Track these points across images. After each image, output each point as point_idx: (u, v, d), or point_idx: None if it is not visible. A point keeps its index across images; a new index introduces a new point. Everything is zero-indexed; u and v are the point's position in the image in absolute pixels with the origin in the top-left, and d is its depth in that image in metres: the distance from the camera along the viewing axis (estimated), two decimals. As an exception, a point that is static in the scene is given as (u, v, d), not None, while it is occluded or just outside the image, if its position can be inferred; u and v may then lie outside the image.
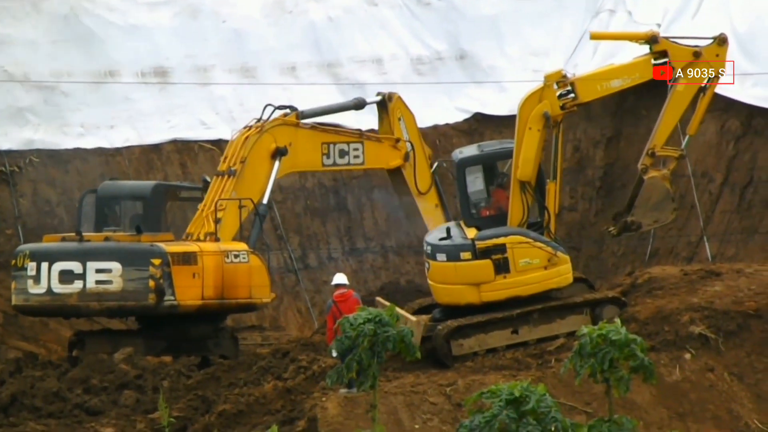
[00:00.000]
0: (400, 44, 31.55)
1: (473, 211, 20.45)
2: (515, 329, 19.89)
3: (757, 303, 19.38)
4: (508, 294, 19.87)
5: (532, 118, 19.98)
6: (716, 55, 20.23)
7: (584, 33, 31.71)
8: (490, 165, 20.72)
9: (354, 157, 24.28)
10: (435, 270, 20.27)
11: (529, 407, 12.44)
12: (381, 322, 14.27)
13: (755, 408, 18.54)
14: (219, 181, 23.30)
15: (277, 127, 23.52)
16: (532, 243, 19.80)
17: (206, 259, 22.18)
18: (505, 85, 30.85)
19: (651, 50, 20.27)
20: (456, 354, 19.82)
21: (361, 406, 17.81)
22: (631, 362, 13.82)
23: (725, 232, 28.18)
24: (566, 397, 18.14)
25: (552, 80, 20.09)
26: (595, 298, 20.17)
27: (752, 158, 28.63)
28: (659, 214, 20.74)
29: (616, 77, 20.36)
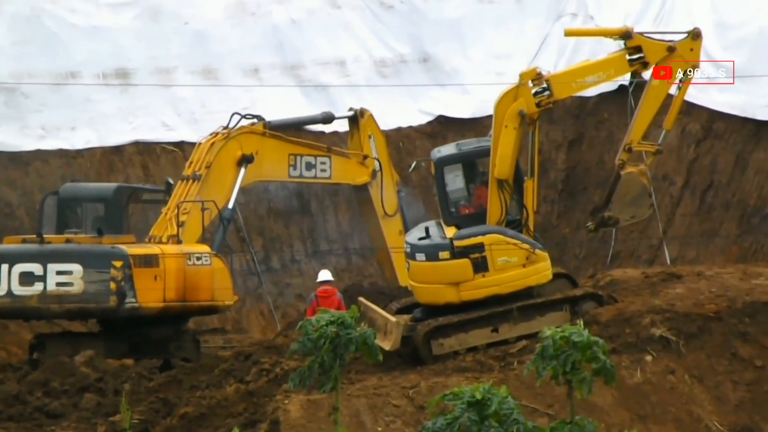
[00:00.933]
0: (363, 46, 31.57)
1: (452, 210, 20.48)
2: (495, 327, 19.92)
3: (718, 305, 19.48)
4: (487, 293, 19.88)
5: (508, 116, 20.03)
6: (690, 49, 20.33)
7: (546, 36, 31.87)
8: (469, 163, 20.76)
9: (321, 170, 24.37)
10: (415, 270, 20.28)
11: (492, 410, 12.45)
12: (343, 324, 14.26)
13: (715, 410, 18.65)
14: (184, 186, 23.25)
15: (244, 134, 23.54)
16: (510, 241, 19.87)
17: (168, 261, 22.10)
18: (468, 87, 30.93)
19: (625, 46, 20.35)
20: (437, 353, 19.84)
21: (323, 409, 17.77)
22: (593, 364, 13.85)
23: (686, 235, 28.37)
24: (528, 399, 18.17)
25: (527, 78, 20.14)
26: (575, 295, 20.23)
27: (712, 162, 28.84)
28: (636, 209, 20.74)
29: (590, 74, 20.42)
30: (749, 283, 20.40)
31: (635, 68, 20.42)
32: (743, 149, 28.24)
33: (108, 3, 30.79)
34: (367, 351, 14.41)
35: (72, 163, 29.43)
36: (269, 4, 31.47)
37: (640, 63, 20.33)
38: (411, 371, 19.61)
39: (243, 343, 22.88)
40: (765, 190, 27.50)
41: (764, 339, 19.16)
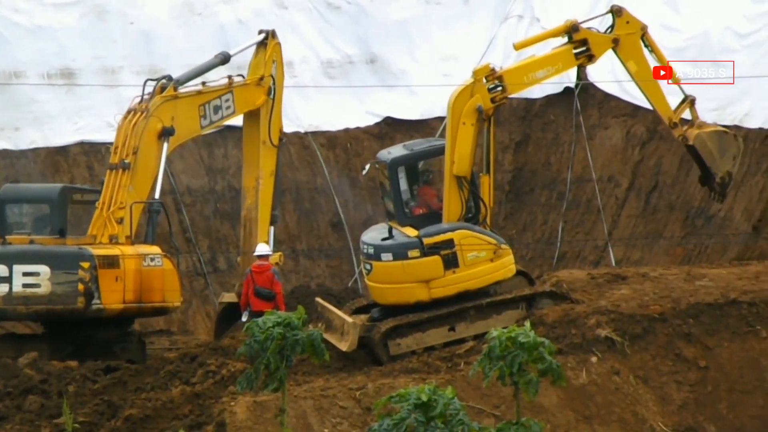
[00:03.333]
0: (310, 47, 31.52)
1: (407, 211, 20.49)
2: (452, 327, 19.97)
3: (662, 307, 19.64)
4: (457, 289, 19.94)
5: (466, 113, 20.14)
6: (626, 22, 20.69)
7: (493, 37, 31.99)
8: (423, 163, 20.84)
9: (226, 108, 24.08)
10: (379, 270, 20.21)
11: (438, 411, 12.46)
12: (290, 325, 14.22)
13: (660, 411, 18.78)
14: (113, 176, 22.86)
15: (161, 106, 23.15)
16: (479, 236, 19.94)
17: (127, 262, 22.00)
18: (415, 89, 30.99)
19: (571, 39, 20.56)
20: (394, 354, 19.84)
21: (270, 411, 17.72)
22: (539, 365, 13.90)
23: (631, 237, 28.57)
24: (475, 400, 18.22)
25: (481, 75, 20.31)
26: (531, 293, 20.32)
27: (657, 163, 29.07)
28: (729, 152, 21.06)
29: (540, 68, 20.64)
30: (693, 285, 20.58)
31: (581, 61, 20.74)
32: (687, 151, 28.46)
33: (53, 2, 30.51)
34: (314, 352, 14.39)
35: (16, 163, 29.15)
36: (216, 5, 31.34)
37: (586, 56, 20.60)
38: (358, 373, 19.61)
39: (189, 345, 22.74)
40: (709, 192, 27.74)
41: (708, 340, 19.32)
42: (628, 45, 20.58)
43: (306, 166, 30.78)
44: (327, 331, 20.57)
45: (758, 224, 25.88)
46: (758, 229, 25.77)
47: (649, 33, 20.70)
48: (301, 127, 30.83)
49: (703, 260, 26.25)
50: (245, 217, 24.87)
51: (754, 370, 19.08)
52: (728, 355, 19.16)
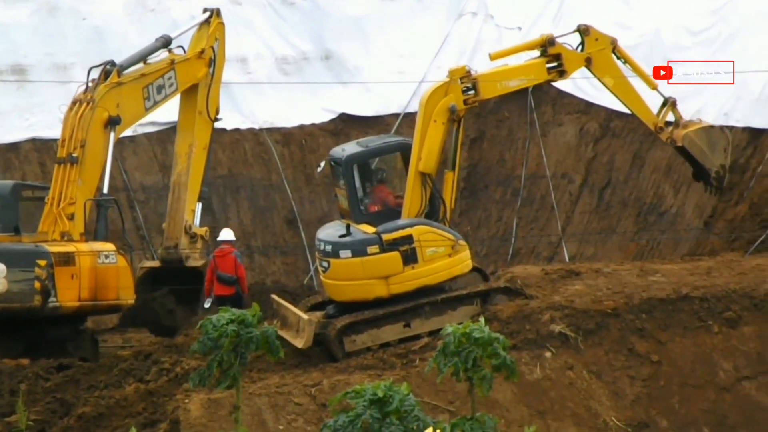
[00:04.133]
0: (264, 43, 31.44)
1: (362, 208, 20.50)
2: (407, 323, 19.99)
3: (615, 302, 19.74)
4: (417, 284, 19.97)
5: (438, 111, 20.24)
6: (596, 39, 20.93)
7: (447, 34, 32.05)
8: (378, 160, 20.86)
9: (169, 86, 23.99)
10: (337, 267, 20.18)
11: (393, 407, 12.47)
12: (244, 322, 14.18)
13: (613, 405, 18.89)
14: (62, 171, 22.65)
15: (106, 95, 22.96)
16: (437, 232, 20.00)
17: (82, 259, 21.86)
18: (371, 85, 30.99)
19: (545, 53, 20.72)
20: (349, 350, 19.83)
21: (224, 408, 17.66)
22: (494, 361, 13.95)
23: (584, 232, 28.72)
24: (430, 396, 18.25)
25: (456, 75, 20.43)
26: (486, 289, 20.38)
27: (610, 160, 29.24)
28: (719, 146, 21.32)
29: (514, 77, 20.79)
30: (646, 280, 20.71)
31: (552, 76, 20.94)
32: (640, 148, 28.66)
33: (3, -2, 30.27)
34: (269, 349, 14.36)
35: (-33, 160, 28.90)
36: (169, 1, 31.18)
37: (557, 72, 20.80)
38: (313, 369, 19.58)
39: (143, 343, 22.66)
40: (661, 188, 27.94)
41: (660, 335, 19.46)
42: (601, 61, 20.88)
43: (261, 162, 30.70)
44: (282, 327, 20.53)
45: (710, 220, 26.07)
46: (710, 224, 25.97)
47: (619, 45, 20.93)
48: (255, 124, 30.75)
49: (656, 256, 26.43)
50: (175, 182, 24.81)
51: (705, 364, 19.23)
52: (680, 349, 19.30)
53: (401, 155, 20.88)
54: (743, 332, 19.42)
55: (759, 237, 24.28)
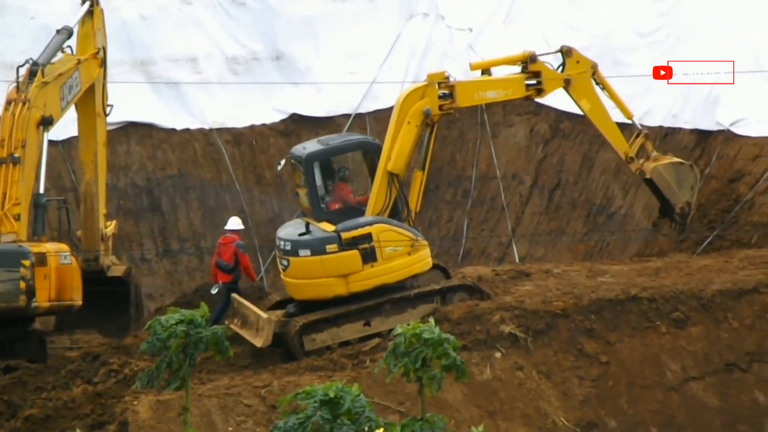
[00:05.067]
0: (215, 43, 31.31)
1: (322, 206, 20.44)
2: (367, 321, 19.97)
3: (565, 303, 19.83)
4: (376, 282, 19.97)
5: (413, 113, 20.25)
6: (576, 62, 21.04)
7: (399, 35, 32.07)
8: (338, 159, 20.83)
9: (76, 86, 23.84)
10: (297, 266, 20.12)
11: (344, 408, 12.44)
12: (193, 323, 14.09)
13: (561, 406, 18.96)
14: (3, 171, 22.42)
15: (38, 95, 22.77)
16: (396, 230, 19.99)
17: (52, 259, 21.83)
18: (322, 86, 30.95)
19: (525, 69, 20.76)
20: (309, 349, 19.78)
21: (173, 409, 17.56)
22: (444, 361, 13.95)
23: (534, 233, 28.84)
24: (380, 396, 18.25)
25: (435, 80, 20.44)
26: (445, 286, 20.40)
27: (560, 161, 29.39)
28: (686, 182, 21.55)
29: (492, 89, 20.83)
30: (595, 281, 20.82)
31: (530, 93, 20.99)
32: (590, 149, 28.83)
33: (-50, -4, 29.96)
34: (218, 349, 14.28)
35: None
36: (118, 0, 30.96)
37: (536, 89, 20.87)
38: (263, 371, 19.52)
39: (91, 344, 22.47)
40: (610, 189, 28.12)
41: (609, 335, 19.55)
42: (579, 84, 20.97)
43: (211, 162, 30.57)
44: (242, 327, 20.47)
45: (658, 221, 26.28)
46: (658, 225, 26.15)
47: (599, 70, 21.05)
48: (205, 124, 30.62)
49: (605, 256, 26.59)
50: (85, 192, 24.63)
51: (653, 365, 19.36)
52: (629, 350, 19.41)
53: (362, 153, 20.89)
54: (691, 333, 19.56)
55: (707, 238, 24.50)
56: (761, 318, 19.69)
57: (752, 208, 24.60)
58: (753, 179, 24.91)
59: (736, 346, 19.52)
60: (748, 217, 24.50)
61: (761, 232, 24.01)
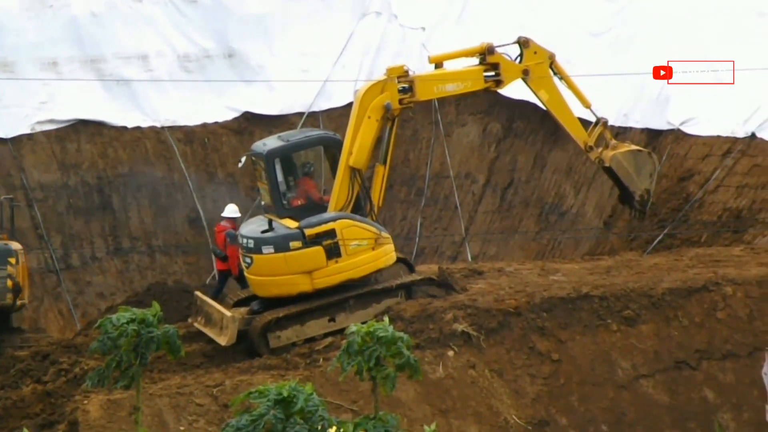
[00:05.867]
0: (166, 41, 31.14)
1: (284, 202, 20.38)
2: (332, 317, 19.92)
3: (517, 301, 19.89)
4: (341, 278, 19.91)
5: (373, 108, 20.24)
6: (534, 53, 21.06)
7: (351, 33, 32.07)
8: (300, 154, 20.77)
9: None
10: (260, 263, 20.03)
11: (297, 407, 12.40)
12: (145, 322, 14.01)
13: (513, 404, 19.03)
14: None
15: None
16: (360, 225, 19.96)
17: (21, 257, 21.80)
18: (274, 84, 30.88)
19: (483, 61, 20.79)
20: (274, 346, 19.72)
21: (124, 409, 17.45)
22: (397, 360, 13.95)
23: (487, 232, 28.93)
24: (333, 395, 18.23)
25: (394, 74, 20.44)
26: (410, 281, 20.38)
27: (512, 160, 29.50)
28: (645, 170, 21.57)
29: (451, 81, 20.81)
30: (547, 279, 20.91)
31: (489, 85, 21.01)
32: (542, 148, 28.96)
33: None
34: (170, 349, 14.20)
35: None
36: (68, -3, 30.78)
37: (494, 81, 20.91)
38: (216, 370, 19.45)
39: (40, 343, 22.29)
40: (562, 188, 28.26)
41: (561, 333, 19.65)
42: (537, 75, 21.04)
43: (162, 161, 30.40)
44: (206, 325, 20.37)
45: (609, 220, 26.44)
46: (609, 224, 26.32)
47: (557, 60, 21.12)
48: (157, 122, 30.44)
49: (557, 255, 26.72)
50: None
51: (604, 363, 19.47)
52: (580, 348, 19.51)
53: (323, 149, 20.85)
54: (641, 330, 19.69)
55: (657, 237, 24.69)
56: (710, 316, 19.86)
57: (702, 207, 24.82)
58: (703, 178, 25.12)
59: (685, 344, 19.67)
60: (698, 216, 24.71)
61: (711, 231, 24.23)
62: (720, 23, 26.31)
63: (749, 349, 19.57)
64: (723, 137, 25.29)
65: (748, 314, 19.84)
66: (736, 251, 22.08)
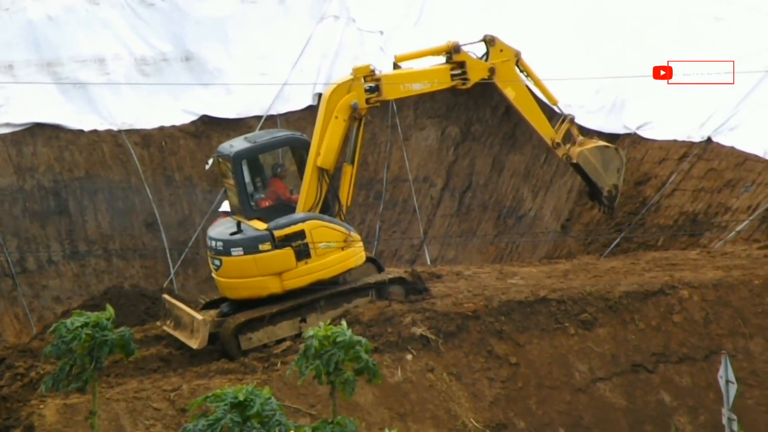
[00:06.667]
0: (123, 44, 31.00)
1: (252, 204, 20.31)
2: (303, 318, 19.87)
3: (475, 304, 19.93)
4: (311, 279, 19.85)
5: (340, 108, 20.23)
6: (500, 50, 21.15)
7: (310, 37, 32.03)
8: (267, 155, 20.73)
9: None
10: (230, 265, 19.93)
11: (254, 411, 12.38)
12: (99, 326, 13.94)
13: (471, 407, 19.06)
14: None
15: None
16: (329, 225, 19.94)
17: None
18: (232, 87, 30.81)
19: (450, 60, 20.84)
20: (245, 348, 19.63)
21: (80, 413, 17.34)
22: (356, 364, 13.95)
23: (445, 235, 28.99)
24: (291, 399, 18.20)
25: (360, 74, 20.44)
26: (380, 280, 20.38)
27: (470, 164, 29.58)
28: (612, 165, 21.71)
29: (417, 80, 20.84)
30: (505, 283, 20.97)
31: (456, 83, 21.06)
32: (500, 152, 29.05)
33: None
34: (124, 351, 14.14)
35: None
36: (24, 0, 30.53)
37: (461, 79, 20.96)
38: (173, 374, 19.35)
39: (-4, 348, 22.10)
40: (520, 192, 28.36)
41: (519, 337, 19.70)
42: (504, 72, 21.11)
43: (119, 164, 30.25)
44: (176, 328, 20.27)
45: (566, 223, 26.56)
46: (566, 228, 26.43)
47: (522, 58, 21.21)
48: (114, 125, 30.29)
49: (515, 259, 26.80)
50: None
51: (562, 366, 19.54)
52: (538, 351, 19.57)
53: (290, 149, 20.83)
54: (598, 334, 19.78)
55: (614, 240, 24.81)
56: (667, 319, 19.97)
57: (658, 211, 24.97)
58: (659, 182, 25.29)
59: (642, 347, 19.77)
60: (655, 220, 24.87)
61: (667, 235, 24.38)
62: (677, 27, 26.51)
63: (705, 352, 19.69)
64: (679, 141, 25.48)
65: (704, 317, 19.97)
66: (693, 255, 22.23)
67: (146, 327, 21.16)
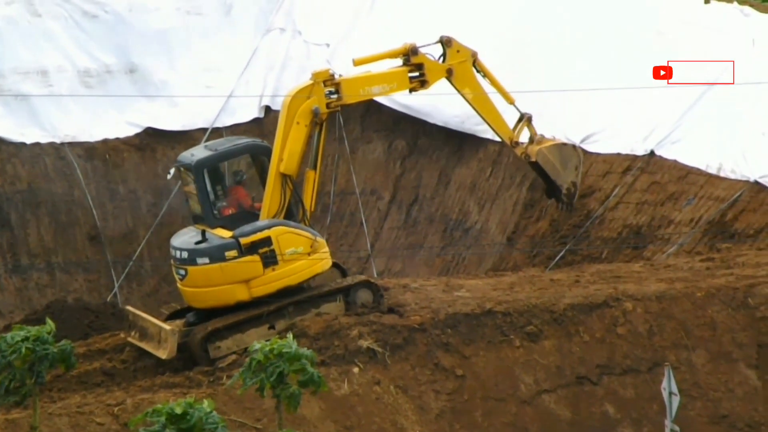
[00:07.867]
0: (66, 56, 30.76)
1: (215, 212, 20.19)
2: (272, 325, 19.76)
3: (422, 317, 19.95)
4: (278, 285, 19.77)
5: (301, 113, 20.23)
6: (457, 51, 21.25)
7: (255, 49, 31.97)
8: (228, 163, 20.64)
9: None
10: (195, 274, 19.80)
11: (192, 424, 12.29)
12: (40, 340, 13.80)
13: (418, 420, 19.05)
14: None
15: None
16: (295, 231, 19.86)
17: None
18: (177, 100, 30.67)
19: (407, 62, 20.87)
20: (214, 357, 19.50)
21: (22, 428, 17.11)
22: (301, 376, 13.91)
23: (392, 248, 29.01)
24: (237, 413, 18.08)
25: (320, 78, 20.46)
26: (347, 284, 20.31)
27: (417, 177, 29.64)
28: (569, 163, 22.09)
29: (376, 84, 20.89)
30: (452, 295, 21.00)
31: (414, 85, 21.17)
32: (446, 165, 29.14)
33: None
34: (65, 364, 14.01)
35: None
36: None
37: (419, 81, 21.03)
38: (117, 388, 19.18)
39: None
40: (466, 205, 28.45)
41: (465, 349, 19.73)
42: (461, 73, 21.26)
43: (62, 177, 29.98)
44: (142, 339, 20.08)
45: (512, 236, 26.66)
46: (512, 240, 26.53)
47: (479, 59, 21.32)
48: (57, 138, 30.03)
49: (461, 271, 26.86)
50: None
51: (507, 378, 19.58)
52: (484, 363, 19.61)
53: (252, 157, 20.74)
54: (543, 346, 19.85)
55: (559, 253, 24.94)
56: (611, 332, 20.08)
57: (603, 224, 25.14)
58: (603, 195, 25.45)
59: (587, 359, 19.86)
60: (599, 233, 25.02)
61: (611, 247, 24.54)
62: (620, 41, 26.70)
63: (649, 364, 19.81)
64: (623, 155, 25.67)
65: (648, 330, 20.10)
66: (636, 267, 22.37)
67: (89, 341, 20.97)
